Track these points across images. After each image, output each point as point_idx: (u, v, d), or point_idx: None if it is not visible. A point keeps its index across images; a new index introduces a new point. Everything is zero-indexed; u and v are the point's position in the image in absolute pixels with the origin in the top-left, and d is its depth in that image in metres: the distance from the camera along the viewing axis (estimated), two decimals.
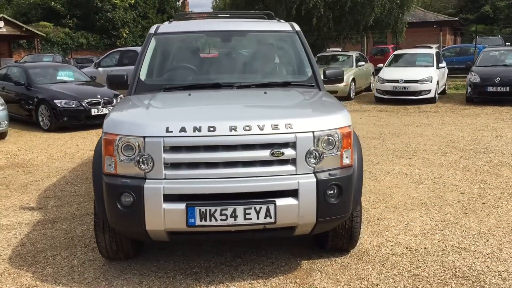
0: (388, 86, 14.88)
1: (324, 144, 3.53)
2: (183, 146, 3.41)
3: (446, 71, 16.91)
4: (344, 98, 15.77)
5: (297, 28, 5.22)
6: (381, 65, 17.57)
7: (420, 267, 3.88)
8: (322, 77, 4.84)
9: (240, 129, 3.42)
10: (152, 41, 5.03)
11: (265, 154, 3.42)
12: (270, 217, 3.38)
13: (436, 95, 14.93)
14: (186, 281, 3.69)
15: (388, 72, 15.39)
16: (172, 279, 3.73)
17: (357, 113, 13.21)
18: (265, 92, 4.33)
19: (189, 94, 4.31)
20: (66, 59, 26.71)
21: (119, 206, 3.42)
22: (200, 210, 3.34)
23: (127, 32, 37.16)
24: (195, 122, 3.46)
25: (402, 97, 14.73)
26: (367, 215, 5.06)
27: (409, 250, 4.20)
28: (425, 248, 4.23)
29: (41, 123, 11.17)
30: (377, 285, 3.60)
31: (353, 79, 16.27)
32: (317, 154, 3.49)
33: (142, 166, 3.41)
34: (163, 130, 3.41)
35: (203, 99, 4.27)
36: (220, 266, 3.92)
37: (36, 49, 29.99)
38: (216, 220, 3.35)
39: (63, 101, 10.92)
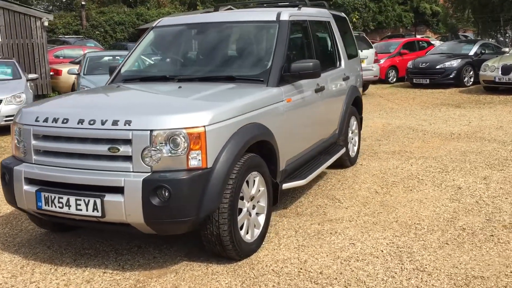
0: None
1: (171, 144, 3.46)
2: (47, 135, 3.78)
3: None
4: None
5: (285, 17, 4.86)
6: None
7: None
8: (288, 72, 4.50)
9: (86, 123, 3.61)
10: (150, 34, 5.41)
11: (104, 148, 3.54)
12: (97, 211, 3.51)
13: None
14: (74, 257, 4.06)
15: None
16: (59, 255, 4.12)
17: None
18: (179, 87, 4.33)
19: (118, 86, 4.59)
20: None
21: (2, 184, 4.00)
22: (44, 195, 3.68)
23: (357, 17, 37.04)
24: (57, 113, 3.79)
25: None
26: (328, 227, 4.52)
27: (300, 271, 3.71)
28: (320, 273, 3.68)
29: None
30: None
31: None
32: (154, 153, 3.44)
33: (22, 150, 3.90)
34: (33, 119, 3.84)
35: (117, 91, 4.53)
36: (122, 251, 4.14)
37: None
38: (55, 206, 3.64)
39: None
